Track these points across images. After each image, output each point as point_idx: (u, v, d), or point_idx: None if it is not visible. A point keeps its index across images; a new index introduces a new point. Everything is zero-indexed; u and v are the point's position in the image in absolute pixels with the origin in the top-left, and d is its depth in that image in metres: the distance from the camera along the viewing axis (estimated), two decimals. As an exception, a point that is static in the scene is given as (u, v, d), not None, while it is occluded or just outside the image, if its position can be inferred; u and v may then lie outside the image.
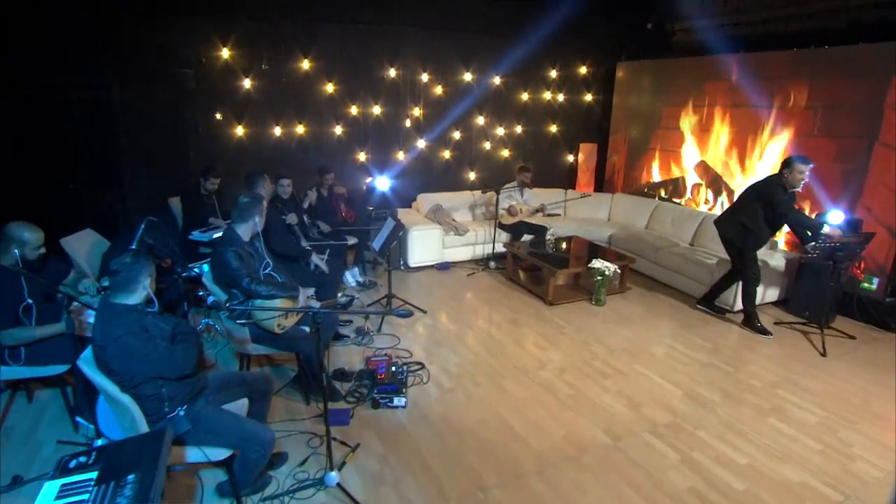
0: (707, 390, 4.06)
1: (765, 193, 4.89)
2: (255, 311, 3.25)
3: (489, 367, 4.32)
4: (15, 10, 5.16)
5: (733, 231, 5.11)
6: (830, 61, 5.70)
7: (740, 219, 5.06)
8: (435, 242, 6.60)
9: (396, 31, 6.91)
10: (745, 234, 5.02)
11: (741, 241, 5.05)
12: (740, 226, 5.05)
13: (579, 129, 8.56)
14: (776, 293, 5.83)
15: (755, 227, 4.99)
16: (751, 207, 5.00)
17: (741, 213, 5.09)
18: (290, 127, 6.69)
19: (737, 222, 5.08)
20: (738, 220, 5.06)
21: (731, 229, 5.13)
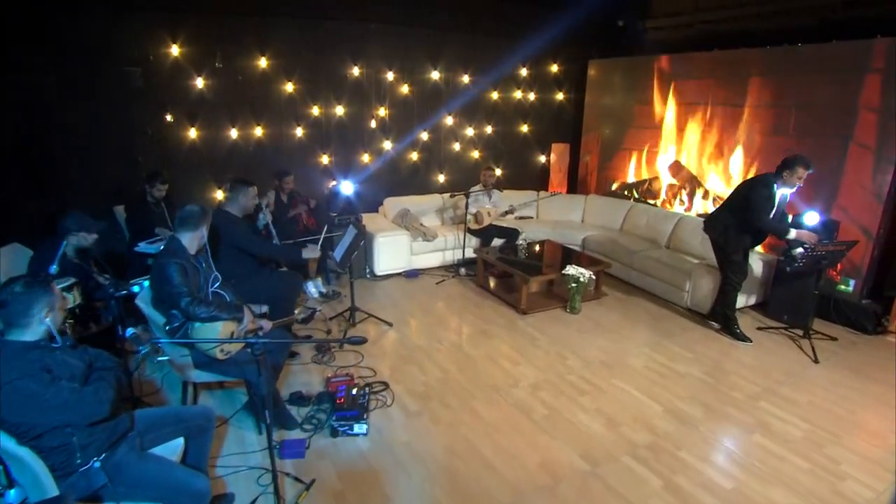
0: (688, 405, 3.85)
1: (744, 193, 4.72)
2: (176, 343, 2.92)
3: (459, 385, 4.03)
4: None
5: (718, 231, 4.93)
6: (803, 59, 5.57)
7: (724, 219, 4.89)
8: (402, 249, 6.29)
9: (359, 27, 6.58)
10: (728, 235, 4.84)
11: (724, 241, 4.88)
12: (723, 227, 4.87)
13: (551, 129, 8.34)
14: (754, 297, 5.67)
15: (738, 228, 4.79)
16: (736, 207, 4.82)
17: (727, 212, 4.92)
18: (248, 129, 6.31)
19: (721, 223, 4.91)
20: (723, 221, 4.89)
21: (716, 230, 4.95)
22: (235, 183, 4.14)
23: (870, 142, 5.18)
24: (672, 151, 7.00)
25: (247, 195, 4.07)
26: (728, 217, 4.86)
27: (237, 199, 4.07)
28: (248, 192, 4.07)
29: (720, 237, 4.90)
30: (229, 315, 3.01)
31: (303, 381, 4.04)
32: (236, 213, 4.12)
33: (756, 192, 4.60)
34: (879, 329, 5.27)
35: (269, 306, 4.19)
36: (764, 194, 4.58)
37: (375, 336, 4.85)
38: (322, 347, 4.51)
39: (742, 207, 4.71)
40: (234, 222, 4.06)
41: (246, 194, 4.07)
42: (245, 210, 4.13)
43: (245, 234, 4.12)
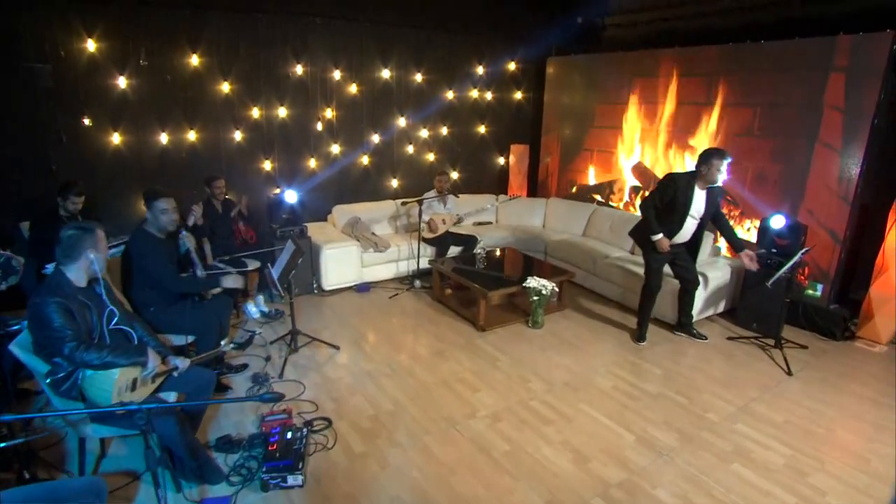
0: (662, 432, 3.53)
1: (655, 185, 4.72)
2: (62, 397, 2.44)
3: (410, 418, 3.61)
4: None
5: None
6: (766, 57, 5.37)
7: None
8: (352, 261, 5.83)
9: (302, 21, 6.08)
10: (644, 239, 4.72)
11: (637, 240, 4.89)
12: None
13: (509, 130, 8.01)
14: (722, 304, 5.44)
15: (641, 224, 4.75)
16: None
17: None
18: (180, 133, 5.74)
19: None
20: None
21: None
22: (146, 195, 3.61)
23: (835, 142, 5.00)
24: (635, 152, 6.74)
25: (155, 210, 3.51)
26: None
27: (152, 215, 3.55)
28: (157, 206, 3.49)
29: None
30: (128, 360, 2.51)
31: (234, 420, 3.55)
32: (155, 233, 3.58)
33: (657, 186, 4.58)
34: (847, 334, 5.12)
35: (196, 336, 3.70)
36: (661, 188, 4.50)
37: (321, 361, 4.39)
38: (258, 379, 4.03)
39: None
40: (149, 244, 3.52)
41: (154, 209, 3.51)
42: (162, 229, 3.59)
43: (157, 261, 3.53)
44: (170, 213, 3.52)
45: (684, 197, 4.41)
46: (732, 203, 5.78)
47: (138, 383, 2.58)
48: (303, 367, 4.28)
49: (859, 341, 5.03)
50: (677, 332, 5.02)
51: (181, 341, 3.69)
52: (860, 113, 4.81)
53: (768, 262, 4.99)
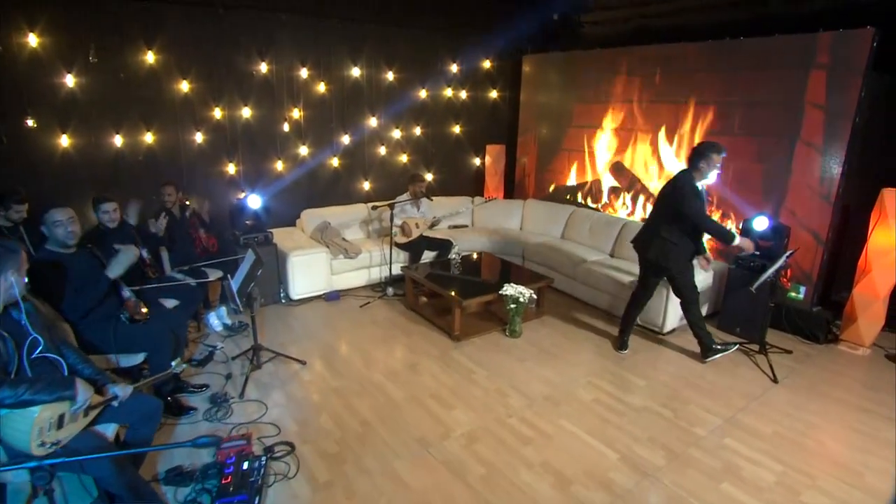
0: (648, 450, 3.33)
1: (676, 196, 4.05)
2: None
3: (380, 441, 3.36)
4: None
5: (655, 250, 4.21)
6: (746, 54, 5.23)
7: (660, 232, 4.19)
8: (321, 268, 5.55)
9: (266, 17, 5.77)
10: (668, 252, 4.17)
11: (665, 259, 4.19)
12: (661, 241, 4.17)
13: (485, 130, 7.79)
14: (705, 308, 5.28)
15: (678, 239, 4.15)
16: (667, 214, 4.17)
17: (659, 223, 4.23)
18: (136, 135, 5.38)
19: (656, 237, 4.20)
20: (658, 235, 4.19)
21: (653, 248, 4.23)
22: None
23: (817, 141, 4.88)
24: (614, 152, 6.57)
25: (47, 223, 3.10)
26: (663, 228, 4.17)
27: (47, 230, 3.15)
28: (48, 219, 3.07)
29: (661, 255, 4.20)
30: (50, 395, 2.20)
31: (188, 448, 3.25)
32: (58, 249, 3.17)
33: (683, 190, 4.00)
34: (830, 337, 5.01)
35: (148, 354, 3.40)
36: (692, 190, 4.01)
37: (285, 378, 4.10)
38: (217, 400, 3.74)
39: (673, 215, 4.10)
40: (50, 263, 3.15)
41: (45, 222, 3.10)
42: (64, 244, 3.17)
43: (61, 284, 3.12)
44: (65, 226, 3.11)
45: (704, 197, 4.12)
46: (713, 204, 5.63)
47: (66, 420, 2.28)
48: (266, 385, 3.99)
49: (842, 344, 4.93)
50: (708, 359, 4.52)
51: (132, 362, 3.39)
52: (841, 111, 4.69)
53: (751, 266, 4.85)
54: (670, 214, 4.12)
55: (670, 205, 4.10)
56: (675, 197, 4.03)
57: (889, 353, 4.77)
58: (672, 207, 4.08)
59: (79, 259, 3.24)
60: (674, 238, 4.13)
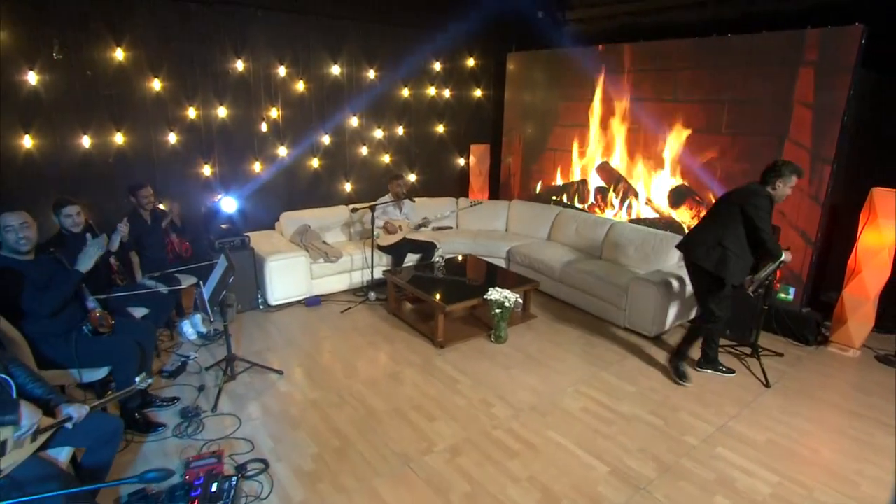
0: (638, 462, 3.20)
1: (753, 204, 3.73)
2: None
3: (359, 456, 3.19)
4: None
5: (713, 258, 3.86)
6: (734, 51, 5.13)
7: (721, 240, 3.84)
8: (301, 272, 5.36)
9: (242, 13, 5.58)
10: (728, 261, 3.81)
11: (722, 269, 3.83)
12: (721, 250, 3.83)
13: (469, 129, 7.64)
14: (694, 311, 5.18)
15: (741, 251, 3.83)
16: (733, 224, 3.83)
17: (721, 231, 3.86)
18: (105, 135, 5.15)
19: (715, 245, 3.86)
20: (718, 243, 3.85)
21: (710, 256, 3.87)
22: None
23: (805, 140, 4.79)
24: (601, 151, 6.45)
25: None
26: (726, 237, 3.83)
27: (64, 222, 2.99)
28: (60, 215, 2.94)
29: (720, 264, 3.84)
30: (-8, 419, 2.02)
31: (155, 466, 3.07)
32: (13, 255, 2.98)
33: (762, 205, 3.72)
34: (820, 339, 4.94)
35: (111, 367, 3.20)
36: (769, 207, 3.74)
37: (261, 389, 3.92)
38: (188, 414, 3.55)
39: (737, 228, 3.81)
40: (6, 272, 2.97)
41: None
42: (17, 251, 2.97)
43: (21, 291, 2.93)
44: (17, 231, 2.92)
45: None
46: (701, 204, 5.54)
47: (9, 446, 2.09)
48: (240, 396, 3.81)
49: (832, 346, 4.85)
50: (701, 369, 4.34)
51: (95, 377, 3.19)
52: (830, 110, 4.61)
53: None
54: (736, 225, 3.82)
55: (741, 216, 3.79)
56: (751, 210, 3.73)
57: (879, 355, 4.71)
58: (743, 219, 3.79)
59: (38, 265, 3.04)
60: (737, 250, 3.83)
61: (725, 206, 3.94)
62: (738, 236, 3.82)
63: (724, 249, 3.83)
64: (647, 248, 5.39)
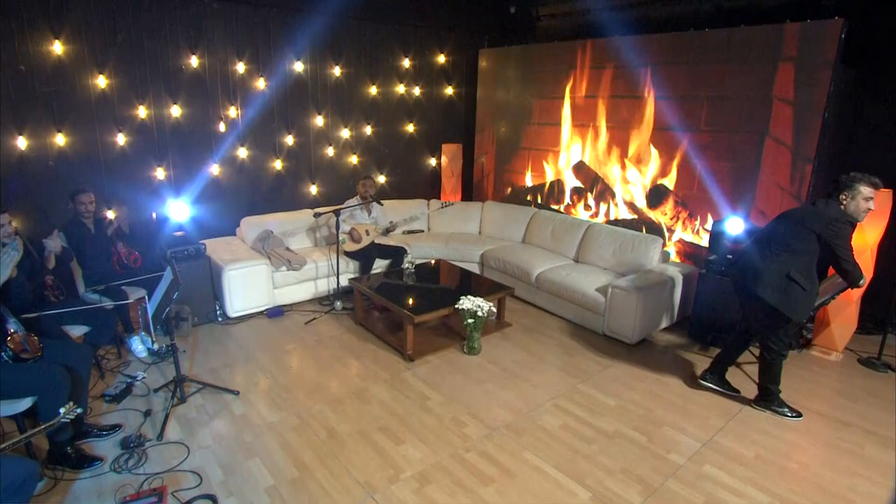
0: (621, 484, 2.97)
1: (833, 232, 3.26)
2: None
3: (318, 488, 2.90)
4: None
5: (777, 292, 3.38)
6: (712, 46, 4.96)
7: (790, 272, 3.35)
8: (262, 282, 5.03)
9: (195, 4, 5.22)
10: (796, 296, 3.36)
11: (789, 305, 3.37)
12: (787, 282, 3.35)
13: (440, 128, 7.39)
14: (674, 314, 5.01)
15: (810, 284, 3.35)
16: (806, 253, 3.36)
17: (790, 260, 3.37)
18: (44, 136, 4.76)
19: (782, 277, 3.36)
20: (786, 275, 3.35)
21: (775, 289, 3.38)
22: None
23: (786, 137, 4.65)
24: (576, 150, 6.25)
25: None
26: (793, 267, 3.35)
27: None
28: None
29: (784, 302, 3.37)
30: None
31: (87, 505, 2.74)
32: None
33: (843, 232, 3.26)
34: (803, 342, 4.79)
35: (36, 397, 2.85)
36: (849, 233, 3.29)
37: (214, 412, 3.60)
38: (129, 443, 3.21)
39: (810, 255, 3.36)
40: None
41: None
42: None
43: None
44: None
45: None
46: (681, 205, 5.36)
47: None
48: (190, 421, 3.48)
49: (815, 349, 4.71)
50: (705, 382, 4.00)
51: (14, 410, 2.84)
52: (811, 106, 4.47)
53: (723, 270, 4.57)
54: (810, 254, 3.37)
55: (817, 244, 3.32)
56: (830, 238, 3.26)
57: (862, 358, 4.58)
58: (820, 247, 3.33)
59: None
60: (806, 283, 3.35)
61: (794, 232, 3.40)
62: (807, 266, 3.37)
63: (790, 282, 3.35)
64: (625, 251, 5.19)
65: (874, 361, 4.50)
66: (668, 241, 5.50)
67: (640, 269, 4.97)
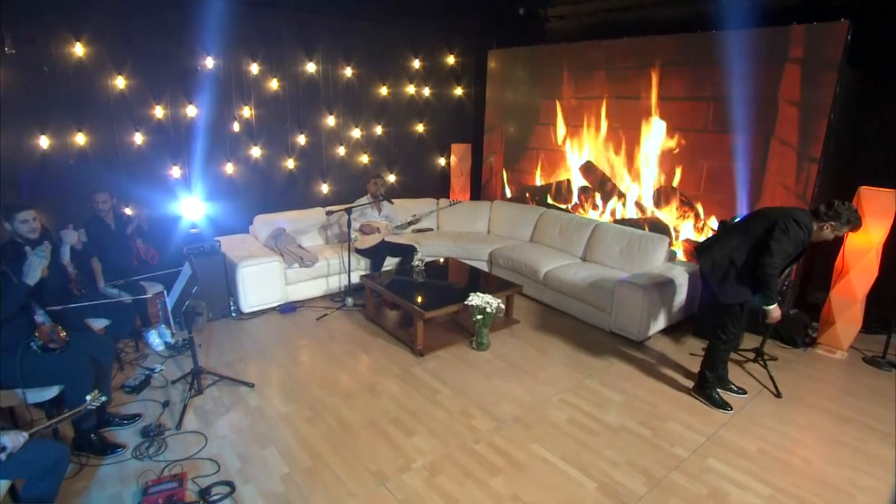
0: (626, 475, 3.05)
1: (783, 228, 3.40)
2: None
3: (332, 476, 3.00)
4: None
5: (717, 273, 3.65)
6: (718, 48, 5.01)
7: (731, 255, 3.59)
8: (275, 278, 5.14)
9: (211, 7, 5.33)
10: (727, 279, 3.61)
11: (720, 286, 3.65)
12: (727, 265, 3.61)
13: (450, 128, 7.47)
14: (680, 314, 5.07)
15: (747, 272, 3.55)
16: (754, 240, 3.54)
17: (737, 245, 3.60)
18: (65, 136, 4.88)
19: (724, 259, 3.62)
20: (728, 257, 3.60)
21: (715, 270, 3.65)
22: None
23: (791, 138, 4.70)
24: (583, 150, 6.32)
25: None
26: (733, 254, 3.59)
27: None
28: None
29: (718, 282, 3.66)
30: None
31: (110, 493, 2.85)
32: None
33: (793, 233, 3.40)
34: (808, 341, 4.84)
35: (64, 386, 2.97)
36: (799, 240, 3.44)
37: (230, 403, 3.71)
38: (150, 432, 3.33)
39: (758, 241, 3.51)
40: None
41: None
42: None
43: None
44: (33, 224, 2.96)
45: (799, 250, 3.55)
46: (687, 204, 5.43)
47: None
48: (208, 412, 3.59)
49: (820, 348, 4.76)
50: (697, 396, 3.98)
51: (43, 397, 2.96)
52: (816, 107, 4.52)
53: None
54: (756, 242, 3.52)
55: (767, 233, 3.47)
56: (777, 231, 3.41)
57: (867, 357, 4.62)
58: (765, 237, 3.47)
59: None
60: (744, 270, 3.55)
61: (756, 220, 3.62)
62: (750, 254, 3.53)
63: (730, 265, 3.58)
64: (632, 250, 5.26)
65: (879, 360, 4.54)
66: (674, 241, 5.56)
67: (647, 268, 5.04)
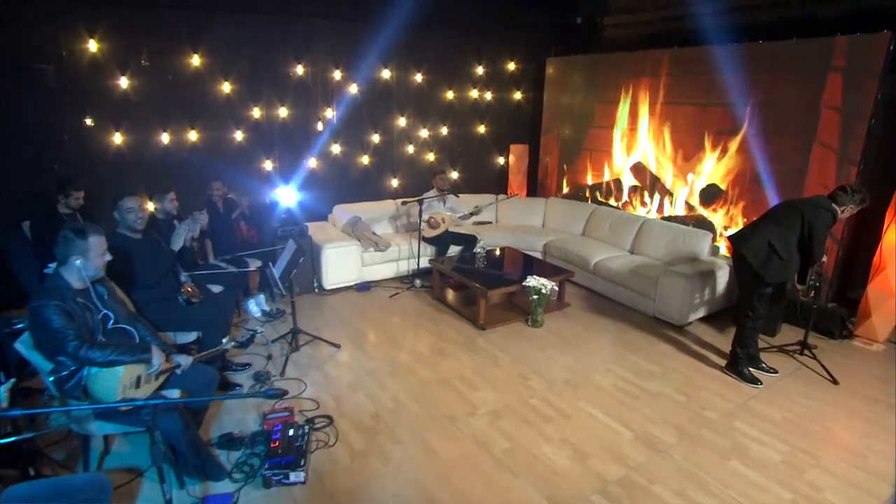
0: (661, 430, 3.56)
1: (816, 217, 3.98)
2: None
3: (412, 416, 3.64)
4: None
5: (760, 256, 4.02)
6: (765, 57, 5.39)
7: (770, 240, 4.01)
8: (353, 260, 5.86)
9: (303, 22, 6.11)
10: (771, 261, 4.01)
11: (764, 267, 4.02)
12: (768, 249, 4.01)
13: (509, 130, 8.04)
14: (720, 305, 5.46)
15: (788, 255, 4.01)
16: (790, 229, 4.03)
17: (774, 232, 4.04)
18: (181, 133, 5.75)
19: (764, 244, 4.02)
20: (767, 242, 4.01)
21: (758, 253, 4.03)
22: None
23: (833, 142, 5.03)
24: (635, 152, 6.77)
25: (121, 209, 3.44)
26: (774, 235, 4.02)
27: (119, 215, 3.49)
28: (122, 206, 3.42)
29: (761, 264, 4.02)
30: (132, 357, 2.54)
31: (237, 417, 3.58)
32: (128, 234, 3.50)
33: (825, 219, 3.99)
34: (845, 333, 5.14)
35: (201, 332, 3.73)
36: (830, 223, 4.05)
37: (322, 359, 4.41)
38: (260, 377, 4.06)
39: (792, 232, 4.02)
40: (123, 246, 3.45)
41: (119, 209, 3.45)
42: (133, 229, 3.49)
43: (136, 264, 3.51)
44: (136, 212, 3.43)
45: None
46: (732, 204, 5.81)
47: (142, 380, 2.61)
48: (304, 365, 4.30)
49: (857, 340, 5.06)
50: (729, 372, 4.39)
51: (185, 339, 3.72)
52: (857, 113, 4.84)
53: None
54: (791, 231, 4.03)
55: (800, 224, 4.01)
56: (813, 222, 3.97)
57: (902, 349, 4.90)
58: (801, 227, 4.01)
59: (145, 243, 3.58)
60: (784, 254, 4.00)
61: (786, 211, 4.15)
62: (788, 240, 4.01)
63: (771, 249, 4.01)
64: (677, 244, 5.69)
65: (913, 352, 4.82)
66: (718, 237, 5.94)
67: (691, 261, 5.46)
